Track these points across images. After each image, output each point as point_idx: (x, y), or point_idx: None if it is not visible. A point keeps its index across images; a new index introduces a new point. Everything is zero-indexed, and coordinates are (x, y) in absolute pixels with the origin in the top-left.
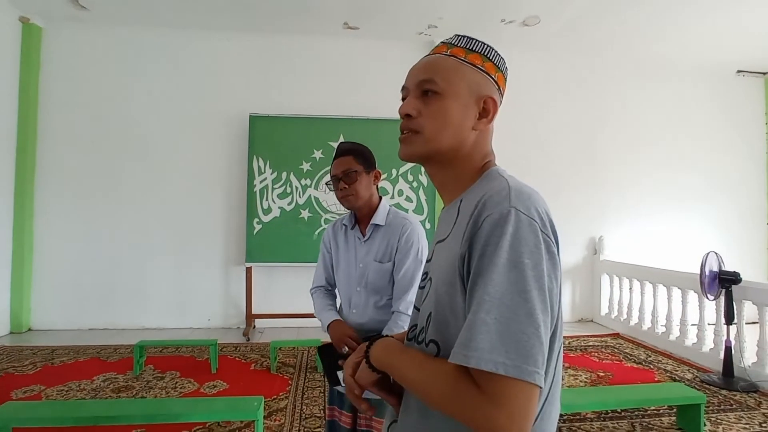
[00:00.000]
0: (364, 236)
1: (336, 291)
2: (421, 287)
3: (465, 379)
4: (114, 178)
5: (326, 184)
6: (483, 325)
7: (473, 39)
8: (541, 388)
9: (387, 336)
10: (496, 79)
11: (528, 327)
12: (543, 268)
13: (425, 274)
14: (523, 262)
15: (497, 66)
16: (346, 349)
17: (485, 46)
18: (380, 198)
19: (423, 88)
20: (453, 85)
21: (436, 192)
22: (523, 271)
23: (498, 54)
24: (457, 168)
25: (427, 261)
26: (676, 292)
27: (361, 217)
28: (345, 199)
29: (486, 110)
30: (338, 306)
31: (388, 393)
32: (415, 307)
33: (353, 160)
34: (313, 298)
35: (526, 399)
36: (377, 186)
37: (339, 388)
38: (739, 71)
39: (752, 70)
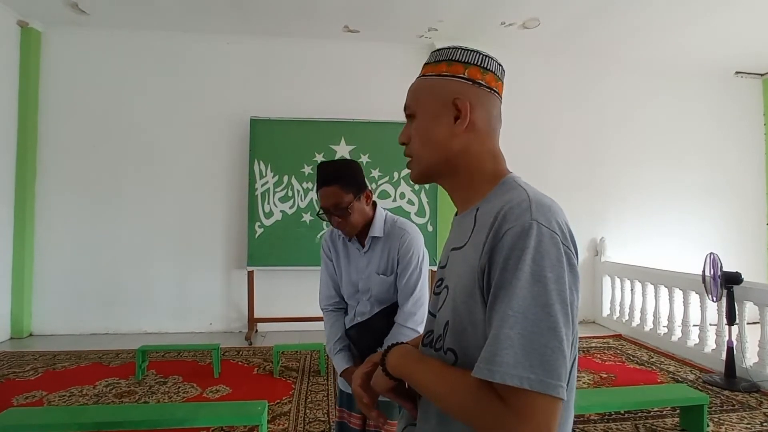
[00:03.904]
0: (363, 247)
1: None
2: (436, 293)
3: (488, 393)
4: (115, 182)
5: (318, 215)
6: (507, 339)
7: (441, 50)
8: (564, 400)
9: (403, 343)
10: (466, 75)
11: (552, 341)
12: (565, 281)
13: (440, 280)
14: (546, 276)
15: (465, 62)
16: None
17: (449, 51)
18: (375, 206)
19: (406, 114)
20: (421, 103)
21: (438, 194)
22: (546, 285)
23: (465, 51)
24: (460, 176)
25: (441, 267)
26: (678, 293)
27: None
28: (341, 230)
29: (459, 111)
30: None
31: (404, 398)
32: (430, 312)
33: (341, 191)
34: (324, 320)
35: (551, 413)
36: (369, 204)
37: (348, 390)
38: (737, 72)
39: (750, 71)
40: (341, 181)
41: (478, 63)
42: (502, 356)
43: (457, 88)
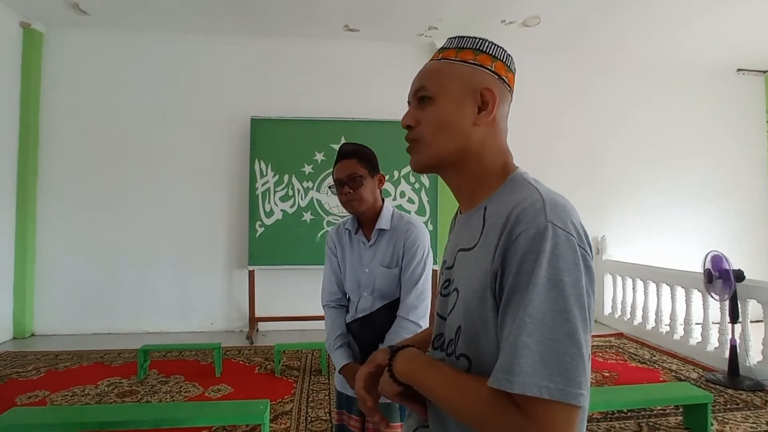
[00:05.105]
0: (369, 241)
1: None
2: (444, 294)
3: (505, 402)
4: (116, 182)
5: (329, 187)
6: (525, 348)
7: (464, 37)
8: (584, 407)
9: (409, 346)
10: (493, 69)
11: (570, 348)
12: (582, 284)
13: (448, 281)
14: (563, 281)
15: (493, 56)
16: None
17: (476, 40)
18: (383, 201)
19: (418, 96)
20: (443, 86)
21: (438, 193)
22: (563, 290)
23: (493, 44)
24: (471, 170)
25: (448, 268)
26: (680, 291)
27: (365, 222)
28: (349, 204)
29: (485, 102)
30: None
31: (413, 401)
32: (439, 315)
33: (357, 164)
34: (325, 317)
35: (571, 421)
36: (381, 190)
37: (347, 391)
38: (739, 70)
39: (752, 68)
40: (360, 157)
41: (504, 60)
42: (520, 365)
43: (486, 78)
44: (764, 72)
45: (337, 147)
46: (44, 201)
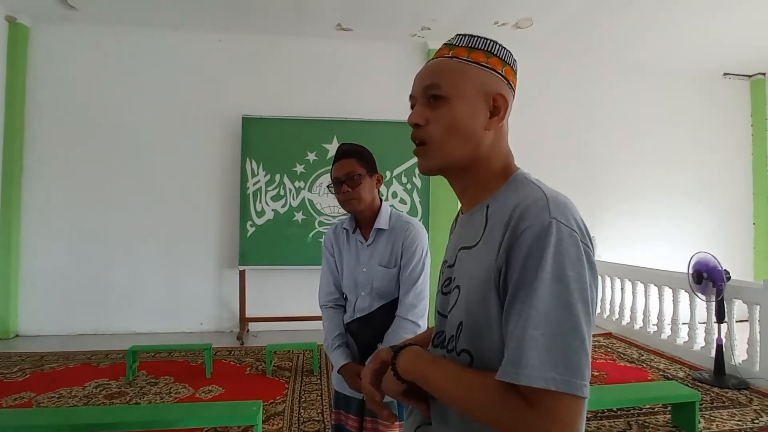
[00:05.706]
0: (366, 240)
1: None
2: (444, 293)
3: (512, 395)
4: (103, 180)
5: (327, 187)
6: (532, 341)
7: (474, 36)
8: (587, 398)
9: (413, 345)
10: (503, 73)
11: (574, 341)
12: (586, 279)
13: (449, 279)
14: (567, 275)
15: (503, 60)
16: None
17: (488, 42)
18: (381, 201)
19: (428, 94)
20: (458, 87)
21: (430, 194)
22: (568, 285)
23: (503, 48)
24: (478, 172)
25: (449, 266)
26: (667, 292)
27: (363, 221)
28: (347, 203)
29: (497, 108)
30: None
31: (416, 399)
32: (439, 312)
33: (356, 163)
34: (323, 317)
35: (577, 412)
36: (379, 189)
37: (345, 391)
38: (725, 74)
39: (738, 72)
40: (358, 156)
41: (512, 65)
42: (527, 358)
43: (498, 83)
44: (750, 76)
45: (329, 147)
46: (29, 198)
